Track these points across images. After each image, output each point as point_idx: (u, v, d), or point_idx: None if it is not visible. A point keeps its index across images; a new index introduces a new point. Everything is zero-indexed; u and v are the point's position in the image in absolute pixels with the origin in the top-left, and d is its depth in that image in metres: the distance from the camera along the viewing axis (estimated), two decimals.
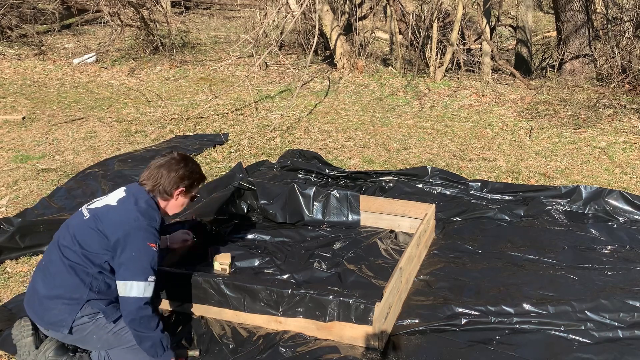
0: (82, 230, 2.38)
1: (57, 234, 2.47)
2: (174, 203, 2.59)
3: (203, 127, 6.32)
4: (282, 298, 2.68)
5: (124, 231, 2.33)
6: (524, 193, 4.29)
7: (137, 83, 8.47)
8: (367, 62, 9.18)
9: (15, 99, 7.35)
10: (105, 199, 2.50)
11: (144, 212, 2.42)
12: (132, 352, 2.41)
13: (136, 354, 2.40)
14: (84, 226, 2.38)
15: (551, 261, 3.38)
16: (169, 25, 10.23)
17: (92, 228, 2.36)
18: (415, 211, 3.71)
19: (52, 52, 9.88)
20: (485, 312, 2.82)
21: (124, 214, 2.39)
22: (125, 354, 2.41)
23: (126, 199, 2.46)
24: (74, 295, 2.32)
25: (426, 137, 5.99)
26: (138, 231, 2.35)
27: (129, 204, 2.44)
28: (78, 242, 2.35)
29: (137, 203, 2.44)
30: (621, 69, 7.76)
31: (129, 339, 2.39)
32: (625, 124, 6.32)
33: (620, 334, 2.69)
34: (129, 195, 2.49)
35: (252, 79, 8.40)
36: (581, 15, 8.41)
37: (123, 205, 2.43)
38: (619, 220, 3.92)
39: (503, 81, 8.57)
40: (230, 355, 2.57)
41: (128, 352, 2.41)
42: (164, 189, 2.51)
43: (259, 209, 4.10)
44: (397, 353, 2.58)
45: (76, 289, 2.32)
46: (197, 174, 2.62)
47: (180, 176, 2.53)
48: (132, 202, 2.44)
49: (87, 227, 2.37)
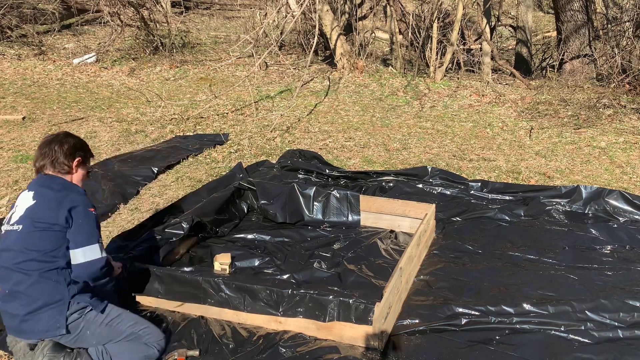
0: (24, 240, 2.33)
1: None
2: (75, 177, 2.52)
3: (203, 127, 6.32)
4: (282, 298, 2.68)
5: (62, 207, 2.33)
6: (524, 193, 4.29)
7: (137, 83, 8.47)
8: (367, 62, 9.18)
9: (15, 99, 7.35)
10: (21, 206, 2.41)
11: (64, 185, 2.42)
12: (128, 344, 2.42)
13: (132, 345, 2.42)
14: (24, 237, 2.34)
15: (551, 261, 3.38)
16: (169, 25, 10.24)
17: (33, 231, 2.32)
18: (415, 211, 3.71)
19: (52, 52, 9.88)
20: (485, 312, 2.82)
21: (51, 199, 2.37)
22: (121, 346, 2.42)
23: (39, 191, 2.41)
24: (56, 298, 2.33)
25: (426, 137, 5.99)
26: (74, 200, 2.36)
27: (47, 190, 2.40)
28: (31, 250, 2.32)
29: (51, 186, 2.41)
30: (621, 69, 7.76)
31: (121, 329, 2.41)
32: (625, 124, 6.32)
33: (620, 334, 2.68)
34: (37, 186, 2.44)
35: (252, 79, 8.40)
36: (581, 15, 8.41)
37: (42, 196, 2.39)
38: (619, 220, 3.92)
39: (503, 81, 8.57)
40: (230, 355, 2.57)
41: (124, 345, 2.42)
42: (62, 161, 2.45)
43: (259, 209, 4.10)
44: (397, 353, 2.58)
45: (55, 292, 2.33)
46: (85, 144, 2.59)
47: (74, 146, 2.49)
48: (47, 188, 2.41)
49: (27, 234, 2.33)
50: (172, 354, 2.54)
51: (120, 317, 2.46)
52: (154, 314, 2.86)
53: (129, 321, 2.46)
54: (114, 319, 2.42)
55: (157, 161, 5.01)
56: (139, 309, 2.89)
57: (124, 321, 2.45)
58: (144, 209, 4.18)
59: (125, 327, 2.42)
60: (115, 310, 2.47)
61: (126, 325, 2.44)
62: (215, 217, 3.71)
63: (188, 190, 4.49)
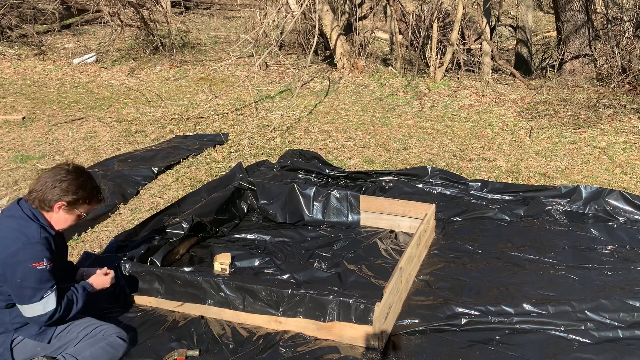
0: None
1: None
2: (57, 217, 2.34)
3: (203, 127, 6.32)
4: (282, 298, 2.68)
5: (2, 260, 2.18)
6: (524, 193, 4.29)
7: (137, 83, 8.46)
8: (367, 62, 9.18)
9: (15, 99, 7.35)
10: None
11: (17, 231, 2.22)
12: (86, 343, 2.39)
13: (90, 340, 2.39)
14: None
15: (551, 261, 3.38)
16: (169, 25, 10.23)
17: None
18: (415, 211, 3.71)
19: (52, 52, 9.88)
20: (485, 312, 2.82)
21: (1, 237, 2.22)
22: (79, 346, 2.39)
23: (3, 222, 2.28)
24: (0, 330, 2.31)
25: (426, 137, 5.99)
26: (15, 255, 2.18)
27: (6, 225, 2.25)
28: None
29: (9, 224, 2.25)
30: (621, 69, 7.76)
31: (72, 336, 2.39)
32: (625, 124, 6.32)
33: (620, 334, 2.68)
34: (5, 214, 2.31)
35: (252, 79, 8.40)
36: (581, 15, 8.41)
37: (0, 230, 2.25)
38: (619, 220, 3.92)
39: (503, 81, 8.57)
40: (230, 355, 2.57)
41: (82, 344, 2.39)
42: (43, 199, 2.27)
43: (259, 209, 4.10)
44: (397, 353, 2.58)
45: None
46: (85, 191, 2.34)
47: (64, 189, 2.28)
48: (4, 226, 2.25)
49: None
50: (172, 354, 2.54)
51: (68, 328, 2.41)
52: (154, 314, 2.86)
53: (78, 327, 2.43)
54: (61, 333, 2.39)
55: (157, 161, 5.01)
56: (136, 308, 2.90)
57: (73, 329, 2.41)
58: (144, 209, 4.18)
59: (76, 334, 2.39)
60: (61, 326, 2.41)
61: (77, 332, 2.41)
62: (215, 217, 3.71)
63: (188, 190, 4.49)
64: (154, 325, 2.77)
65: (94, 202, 2.43)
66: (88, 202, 2.39)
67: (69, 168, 2.35)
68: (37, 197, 2.29)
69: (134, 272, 2.88)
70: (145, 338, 2.67)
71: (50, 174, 2.32)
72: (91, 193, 2.38)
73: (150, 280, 2.86)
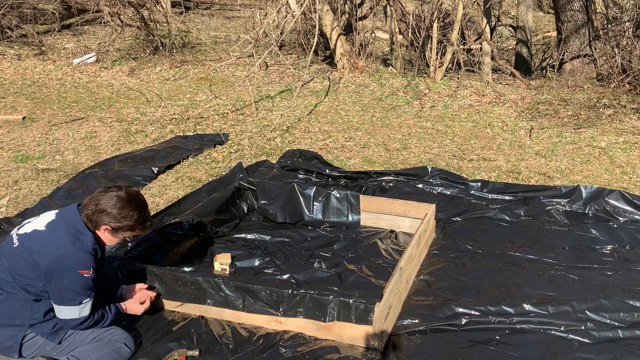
0: (13, 259, 2.32)
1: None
2: (102, 236, 2.45)
3: (203, 127, 6.32)
4: (282, 298, 2.68)
5: (52, 259, 2.27)
6: (524, 193, 4.29)
7: (137, 83, 8.46)
8: (367, 62, 9.18)
9: (15, 99, 7.36)
10: (35, 222, 2.40)
11: (74, 236, 2.32)
12: (93, 345, 2.43)
13: (97, 344, 2.43)
14: (14, 255, 2.32)
15: (551, 261, 3.38)
16: (169, 25, 10.23)
17: (22, 257, 2.30)
18: (415, 211, 3.71)
19: (52, 52, 9.88)
20: (485, 312, 2.82)
21: (52, 240, 2.31)
22: (86, 349, 2.42)
23: (55, 223, 2.37)
24: (16, 322, 2.35)
25: (426, 137, 5.99)
26: (67, 259, 2.28)
27: (58, 229, 2.34)
28: (10, 272, 2.32)
29: (67, 228, 2.34)
30: (621, 69, 7.75)
31: (82, 338, 2.43)
32: (626, 124, 6.32)
33: (620, 334, 2.69)
34: (59, 218, 2.39)
35: (252, 79, 8.40)
36: (581, 15, 8.41)
37: (51, 230, 2.34)
38: (619, 220, 3.92)
39: (503, 81, 8.57)
40: (230, 355, 2.57)
41: (88, 346, 2.42)
42: (91, 219, 2.37)
43: (259, 209, 4.10)
44: (397, 353, 2.58)
45: (16, 316, 2.35)
46: (130, 221, 2.42)
47: (110, 215, 2.37)
48: (61, 227, 2.35)
49: (17, 256, 2.32)
50: (172, 354, 2.54)
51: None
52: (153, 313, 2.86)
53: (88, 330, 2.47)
54: (70, 344, 2.43)
55: (157, 161, 5.02)
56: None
57: (83, 331, 2.45)
58: None
59: (85, 335, 2.44)
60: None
61: (87, 333, 2.45)
62: (215, 217, 3.71)
63: (188, 190, 4.49)
64: (154, 325, 2.77)
65: (139, 230, 2.51)
66: (132, 230, 2.48)
67: (121, 195, 2.41)
68: (86, 214, 2.38)
69: (134, 272, 2.88)
70: (145, 338, 2.67)
71: (103, 196, 2.39)
72: (136, 223, 2.45)
73: (150, 280, 2.86)
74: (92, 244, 2.37)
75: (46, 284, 2.32)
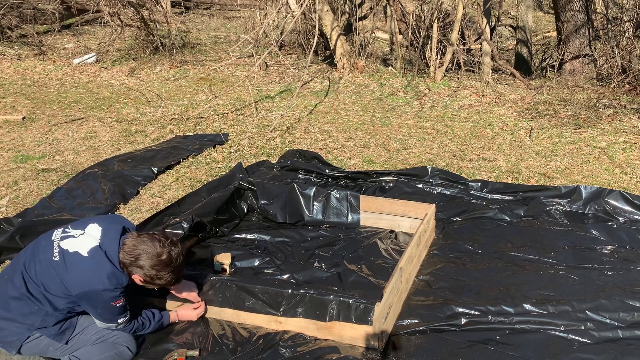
0: (47, 272, 2.33)
1: (24, 256, 2.41)
2: (133, 277, 2.45)
3: (203, 127, 6.32)
4: (282, 298, 2.68)
5: (87, 292, 2.32)
6: (524, 193, 4.29)
7: (137, 83, 8.47)
8: (367, 62, 9.18)
9: (15, 99, 7.36)
10: (79, 240, 2.37)
11: (111, 275, 2.34)
12: (96, 346, 2.44)
13: (100, 345, 2.44)
14: (49, 268, 2.32)
15: (551, 261, 3.38)
16: (169, 26, 10.23)
17: (57, 274, 2.31)
18: (415, 211, 3.71)
19: (52, 52, 9.88)
20: (485, 312, 2.82)
21: (90, 273, 2.32)
22: (88, 350, 2.43)
23: (97, 253, 2.34)
24: (26, 322, 2.36)
25: (426, 137, 5.99)
26: (103, 294, 2.33)
27: (98, 263, 2.33)
28: (41, 282, 2.33)
29: (106, 263, 2.34)
30: (621, 69, 7.76)
31: (86, 338, 2.45)
32: (625, 124, 6.32)
33: (620, 334, 2.68)
34: (102, 248, 2.36)
35: (252, 79, 8.40)
36: (581, 15, 8.41)
37: (92, 261, 2.33)
38: (619, 220, 3.92)
39: (503, 81, 8.57)
40: (230, 355, 2.57)
41: (91, 347, 2.44)
42: (126, 265, 2.38)
43: (259, 209, 4.10)
44: (397, 353, 2.58)
45: (28, 317, 2.36)
46: (161, 280, 2.44)
47: (146, 274, 2.39)
48: (101, 260, 2.34)
49: (52, 271, 2.32)
50: (172, 354, 2.54)
51: (84, 331, 2.48)
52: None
53: (93, 329, 2.48)
54: (77, 336, 2.45)
55: (157, 161, 5.01)
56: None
57: (88, 332, 2.47)
58: (144, 209, 4.18)
59: (89, 336, 2.46)
60: (78, 329, 2.48)
61: (91, 334, 2.47)
62: (215, 217, 3.71)
63: (188, 190, 4.49)
64: None
65: (167, 286, 2.56)
66: (161, 286, 2.54)
67: (162, 257, 2.39)
68: (123, 258, 2.38)
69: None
70: (145, 338, 2.67)
71: (144, 249, 2.38)
72: (167, 283, 2.49)
73: None
74: (126, 281, 2.41)
75: (81, 305, 2.39)
